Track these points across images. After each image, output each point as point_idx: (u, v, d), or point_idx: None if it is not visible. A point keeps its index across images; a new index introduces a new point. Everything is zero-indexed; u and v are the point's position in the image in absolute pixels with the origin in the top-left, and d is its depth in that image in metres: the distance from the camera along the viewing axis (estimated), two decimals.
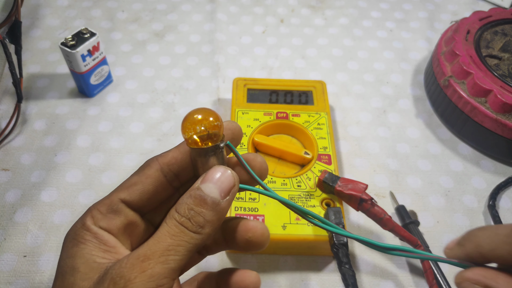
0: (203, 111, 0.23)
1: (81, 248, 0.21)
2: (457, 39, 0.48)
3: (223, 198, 0.21)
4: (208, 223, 0.21)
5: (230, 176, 0.22)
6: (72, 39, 0.44)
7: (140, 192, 0.23)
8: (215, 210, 0.21)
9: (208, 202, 0.21)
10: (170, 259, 0.20)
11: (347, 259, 0.33)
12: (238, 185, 0.22)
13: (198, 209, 0.21)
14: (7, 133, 0.45)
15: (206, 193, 0.21)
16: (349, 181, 0.35)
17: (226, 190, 0.22)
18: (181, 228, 0.21)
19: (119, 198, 0.23)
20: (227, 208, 0.22)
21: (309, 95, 0.46)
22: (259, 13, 0.62)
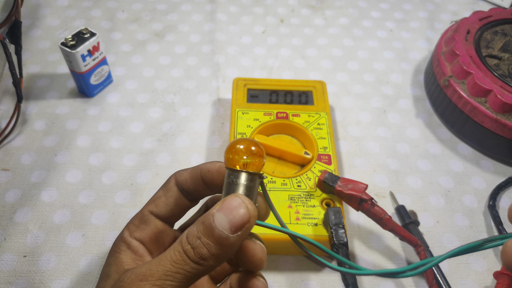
0: (256, 145, 0.23)
1: (116, 257, 0.24)
2: (457, 39, 0.48)
3: (233, 233, 0.20)
4: (212, 257, 0.20)
5: (245, 212, 0.21)
6: (72, 39, 0.44)
7: (164, 204, 0.25)
8: (221, 245, 0.20)
9: (215, 235, 0.20)
10: (167, 284, 0.20)
11: (347, 259, 0.32)
12: (254, 221, 0.21)
13: (204, 239, 0.20)
14: (7, 133, 0.45)
15: (216, 225, 0.20)
16: (349, 181, 0.35)
17: (238, 226, 0.21)
18: (183, 257, 0.21)
19: (148, 210, 0.25)
20: (236, 244, 0.21)
21: (309, 95, 0.46)
22: (259, 13, 0.62)
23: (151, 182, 0.42)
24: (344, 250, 0.33)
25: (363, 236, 0.39)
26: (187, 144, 0.46)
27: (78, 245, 0.38)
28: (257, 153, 0.23)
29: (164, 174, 0.43)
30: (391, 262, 0.38)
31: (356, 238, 0.39)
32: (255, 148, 0.23)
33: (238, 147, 0.23)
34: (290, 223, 0.35)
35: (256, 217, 0.22)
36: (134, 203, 0.41)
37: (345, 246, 0.33)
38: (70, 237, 0.38)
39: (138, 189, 0.42)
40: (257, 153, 0.23)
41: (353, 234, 0.39)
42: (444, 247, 0.39)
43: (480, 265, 0.38)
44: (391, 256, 0.38)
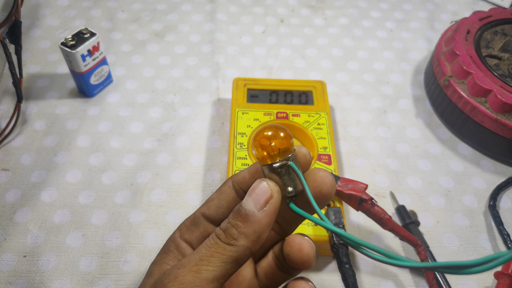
0: (274, 129, 0.23)
1: (163, 257, 0.25)
2: (457, 39, 0.48)
3: (259, 210, 0.21)
4: (242, 235, 0.21)
5: (266, 187, 0.22)
6: (72, 39, 0.44)
7: (215, 206, 0.25)
8: (249, 222, 0.21)
9: (242, 214, 0.21)
10: (203, 269, 0.21)
11: (347, 259, 0.33)
12: (277, 196, 0.22)
13: (233, 221, 0.22)
14: (7, 133, 0.45)
15: (242, 205, 0.22)
16: (349, 181, 0.35)
17: (262, 202, 0.22)
18: (216, 240, 0.22)
19: (200, 212, 0.25)
20: (265, 220, 0.21)
21: (309, 95, 0.46)
22: (259, 13, 0.62)
23: (151, 182, 0.42)
24: (344, 250, 0.33)
25: (363, 236, 0.39)
26: (187, 144, 0.46)
27: (78, 245, 0.38)
28: (281, 138, 0.22)
29: (164, 174, 0.43)
30: None
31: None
32: (281, 132, 0.23)
33: (260, 139, 0.23)
34: None
35: (279, 192, 0.22)
36: (134, 203, 0.41)
37: (345, 246, 0.33)
38: (70, 237, 0.38)
39: (138, 189, 0.42)
40: (282, 138, 0.22)
41: (353, 234, 0.39)
42: (444, 247, 0.39)
43: None
44: None
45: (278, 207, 0.22)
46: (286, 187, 0.23)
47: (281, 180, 0.22)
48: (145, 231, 0.39)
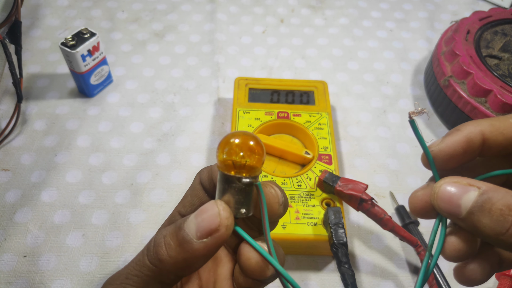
0: (254, 139, 0.20)
1: None
2: (457, 39, 0.48)
3: (199, 239, 0.18)
4: (170, 259, 0.18)
5: (215, 216, 0.18)
6: (72, 39, 0.44)
7: (189, 204, 0.23)
8: (183, 248, 0.18)
9: (178, 236, 0.18)
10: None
11: (346, 259, 0.33)
12: (225, 231, 0.19)
13: (168, 239, 0.19)
14: (7, 133, 0.45)
15: (184, 226, 0.19)
16: (349, 181, 0.35)
17: (204, 231, 0.18)
18: (144, 257, 0.19)
19: (177, 211, 0.23)
20: (201, 252, 0.18)
21: (310, 95, 0.46)
22: (259, 13, 0.62)
23: (151, 182, 0.42)
24: (343, 250, 0.33)
25: (363, 236, 0.39)
26: (187, 144, 0.46)
27: (78, 245, 0.38)
28: (253, 149, 0.19)
29: (164, 174, 0.43)
30: (391, 262, 0.38)
31: (356, 238, 0.39)
32: (253, 142, 0.19)
33: (230, 142, 0.19)
34: (290, 222, 0.35)
35: (229, 227, 0.19)
36: (134, 203, 0.41)
37: (344, 246, 0.33)
38: (70, 237, 0.38)
39: (138, 189, 0.42)
40: (253, 149, 0.19)
41: (353, 234, 0.39)
42: None
43: None
44: (391, 256, 0.38)
45: (223, 242, 0.19)
46: (241, 208, 0.20)
47: (237, 198, 0.19)
48: (145, 231, 0.39)
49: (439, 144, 0.20)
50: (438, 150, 0.20)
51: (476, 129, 0.20)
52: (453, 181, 0.18)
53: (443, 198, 0.18)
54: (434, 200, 0.19)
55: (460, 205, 0.18)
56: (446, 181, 0.19)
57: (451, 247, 0.19)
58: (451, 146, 0.20)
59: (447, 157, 0.20)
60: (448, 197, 0.18)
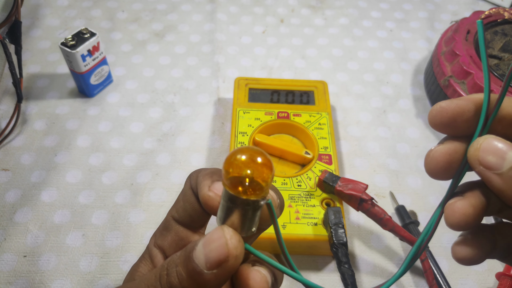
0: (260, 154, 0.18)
1: (137, 264, 0.24)
2: (457, 39, 0.48)
3: (209, 270, 0.18)
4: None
5: (223, 248, 0.18)
6: (72, 39, 0.44)
7: (182, 209, 0.23)
8: (194, 280, 0.18)
9: (189, 268, 0.18)
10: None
11: (346, 259, 0.33)
12: (235, 261, 0.18)
13: (179, 269, 0.19)
14: (7, 133, 0.45)
15: (193, 256, 0.18)
16: (349, 181, 0.35)
17: (213, 263, 0.18)
18: (157, 282, 0.19)
19: (171, 215, 0.23)
20: (214, 282, 0.18)
21: (310, 95, 0.46)
22: (259, 13, 0.62)
23: (151, 182, 0.42)
24: (343, 250, 0.33)
25: (363, 236, 0.39)
26: (187, 144, 0.46)
27: (78, 245, 0.38)
28: (263, 166, 0.18)
29: (164, 174, 0.43)
30: (391, 262, 0.38)
31: (356, 238, 0.39)
32: (262, 159, 0.18)
33: (238, 159, 0.18)
34: (290, 222, 0.35)
35: (238, 257, 0.18)
36: (134, 203, 0.41)
37: (344, 245, 0.33)
38: (70, 237, 0.38)
39: (138, 189, 0.42)
40: (264, 167, 0.18)
41: (353, 234, 0.39)
42: (444, 247, 0.39)
43: (480, 265, 0.38)
44: (391, 256, 0.38)
45: (233, 271, 0.18)
46: (251, 227, 0.19)
47: (247, 220, 0.19)
48: (145, 231, 0.39)
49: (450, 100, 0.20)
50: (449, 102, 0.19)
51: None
52: (498, 138, 0.18)
53: (487, 150, 0.18)
54: (475, 151, 0.18)
55: (505, 158, 0.17)
56: (491, 136, 0.18)
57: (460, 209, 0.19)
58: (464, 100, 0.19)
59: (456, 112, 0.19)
60: (494, 149, 0.18)
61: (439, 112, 0.19)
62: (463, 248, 0.21)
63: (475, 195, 0.20)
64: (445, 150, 0.20)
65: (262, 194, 0.18)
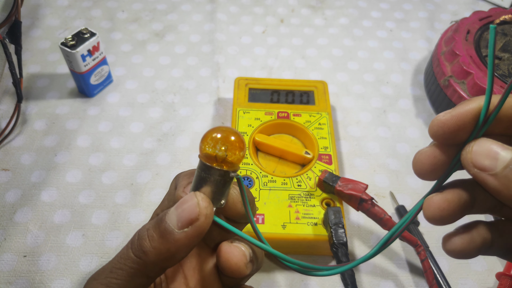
0: (235, 135, 0.20)
1: None
2: (457, 39, 0.48)
3: (180, 229, 0.19)
4: (153, 251, 0.19)
5: (194, 205, 0.19)
6: (72, 39, 0.44)
7: (167, 208, 0.23)
8: (165, 239, 0.19)
9: (161, 228, 0.19)
10: (113, 283, 0.19)
11: (346, 259, 0.33)
12: (205, 220, 0.19)
13: (151, 231, 0.19)
14: (7, 133, 0.45)
15: (165, 218, 0.19)
16: (349, 181, 0.35)
17: (185, 221, 0.19)
18: (128, 250, 0.19)
19: (156, 214, 0.24)
20: (183, 241, 0.19)
21: (310, 95, 0.46)
22: (259, 13, 0.62)
23: (151, 182, 0.42)
24: (343, 250, 0.33)
25: (363, 236, 0.39)
26: (187, 144, 0.46)
27: (78, 245, 0.38)
28: (235, 144, 0.20)
29: (164, 174, 0.43)
30: (391, 262, 0.38)
31: (356, 238, 0.39)
32: (235, 138, 0.20)
33: (214, 137, 0.20)
34: (290, 222, 0.35)
35: (208, 216, 0.20)
36: (134, 203, 0.41)
37: (344, 245, 0.33)
38: (70, 237, 0.38)
39: (138, 189, 0.42)
40: (236, 144, 0.20)
41: (353, 234, 0.39)
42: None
43: (480, 265, 0.38)
44: (391, 256, 0.38)
45: (203, 232, 0.19)
46: (220, 199, 0.21)
47: (218, 190, 0.20)
48: None
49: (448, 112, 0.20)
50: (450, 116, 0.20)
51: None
52: (490, 139, 0.19)
53: (480, 152, 0.18)
54: (468, 153, 0.19)
55: (498, 158, 0.18)
56: (483, 138, 0.19)
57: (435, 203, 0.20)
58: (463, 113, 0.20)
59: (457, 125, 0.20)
60: (486, 151, 0.18)
61: (441, 128, 0.20)
62: (453, 240, 0.21)
63: (453, 191, 0.20)
64: (430, 152, 0.21)
65: (233, 168, 0.20)
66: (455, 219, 0.20)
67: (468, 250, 0.21)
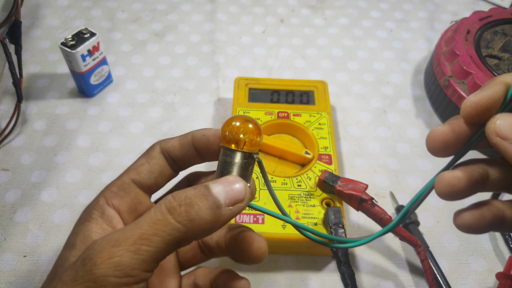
0: (253, 123, 0.22)
1: (85, 225, 0.22)
2: (457, 39, 0.48)
3: (227, 206, 0.20)
4: (199, 220, 0.19)
5: (243, 189, 0.20)
6: (72, 39, 0.44)
7: (147, 171, 0.24)
8: (213, 211, 0.19)
9: (209, 199, 0.19)
10: (143, 249, 0.18)
11: (346, 259, 0.33)
12: (247, 202, 0.21)
13: (195, 200, 0.19)
14: (7, 133, 0.45)
15: (212, 191, 0.19)
16: (349, 181, 0.35)
17: (233, 200, 0.20)
18: (166, 217, 0.19)
19: (130, 178, 0.24)
20: (225, 218, 0.20)
21: (310, 95, 0.46)
22: (259, 13, 0.62)
23: None
24: (343, 250, 0.33)
25: (363, 236, 0.39)
26: None
27: None
28: (254, 131, 0.22)
29: None
30: (391, 262, 0.38)
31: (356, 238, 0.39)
32: (253, 125, 0.22)
33: (234, 124, 0.22)
34: None
35: (249, 201, 0.21)
36: None
37: None
38: None
39: None
40: (254, 131, 0.22)
41: (353, 234, 0.39)
42: (444, 247, 0.39)
43: (480, 265, 0.38)
44: (391, 256, 0.38)
45: (237, 214, 0.20)
46: (248, 181, 0.22)
47: (243, 172, 0.22)
48: None
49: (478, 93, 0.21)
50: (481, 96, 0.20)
51: None
52: None
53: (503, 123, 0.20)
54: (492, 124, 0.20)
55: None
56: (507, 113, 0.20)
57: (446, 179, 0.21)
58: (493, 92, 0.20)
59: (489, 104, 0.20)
60: (509, 122, 0.20)
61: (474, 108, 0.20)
62: (463, 215, 0.22)
63: (465, 168, 0.21)
64: (443, 130, 0.22)
65: (253, 149, 0.22)
66: (465, 195, 0.21)
67: (477, 226, 0.21)
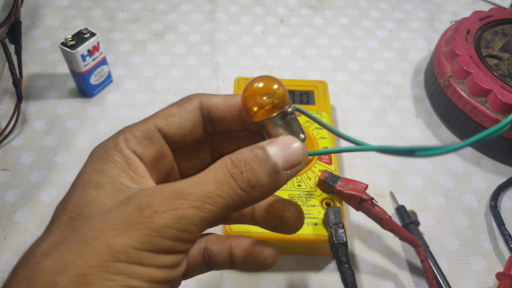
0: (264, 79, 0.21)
1: (109, 166, 0.20)
2: (457, 39, 0.48)
3: (284, 170, 0.19)
4: (260, 187, 0.18)
5: (300, 150, 0.19)
6: (72, 39, 0.44)
7: (178, 125, 0.21)
8: (272, 177, 0.18)
9: (268, 165, 0.18)
10: (206, 208, 0.17)
11: (346, 259, 0.33)
12: (304, 164, 0.19)
13: (255, 166, 0.18)
14: (7, 133, 0.45)
15: (270, 156, 0.18)
16: (349, 181, 0.35)
17: (291, 163, 0.19)
18: (229, 180, 0.18)
19: (156, 126, 0.21)
20: (283, 183, 0.19)
21: (310, 95, 0.46)
22: (259, 13, 0.62)
23: None
24: (343, 250, 0.33)
25: (363, 236, 0.39)
26: None
27: None
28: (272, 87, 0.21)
29: None
30: (391, 262, 0.38)
31: (356, 238, 0.39)
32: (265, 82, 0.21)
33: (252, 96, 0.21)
34: None
35: (306, 163, 0.20)
36: None
37: (344, 245, 0.33)
38: None
39: None
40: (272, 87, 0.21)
41: (353, 234, 0.39)
42: (444, 247, 0.39)
43: (480, 265, 0.38)
44: (391, 256, 0.38)
45: (293, 177, 0.19)
46: (299, 134, 0.21)
47: (291, 128, 0.21)
48: None
49: None
50: None
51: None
52: None
53: None
54: None
55: None
56: None
57: None
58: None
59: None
60: None
61: None
62: None
63: None
64: None
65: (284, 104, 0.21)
66: None
67: None
